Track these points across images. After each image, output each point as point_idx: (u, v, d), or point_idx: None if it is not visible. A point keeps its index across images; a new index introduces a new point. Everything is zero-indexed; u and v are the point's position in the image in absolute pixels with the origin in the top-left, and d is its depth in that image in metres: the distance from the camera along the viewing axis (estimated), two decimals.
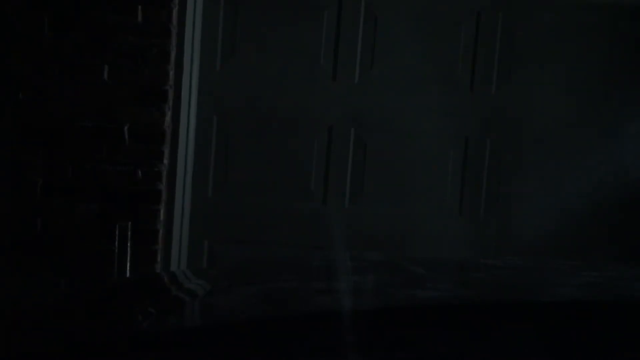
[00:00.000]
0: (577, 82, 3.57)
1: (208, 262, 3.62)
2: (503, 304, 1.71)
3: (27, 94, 3.31)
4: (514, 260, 2.54)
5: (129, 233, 3.34)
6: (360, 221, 3.59)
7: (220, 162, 3.60)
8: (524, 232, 3.59)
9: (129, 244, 3.34)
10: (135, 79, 3.32)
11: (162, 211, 3.42)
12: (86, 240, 3.34)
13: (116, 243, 3.34)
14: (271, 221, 3.60)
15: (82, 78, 3.31)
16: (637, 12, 3.54)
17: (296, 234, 3.58)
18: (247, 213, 3.60)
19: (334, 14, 3.56)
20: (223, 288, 2.04)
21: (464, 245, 3.58)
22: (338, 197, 3.61)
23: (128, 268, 3.34)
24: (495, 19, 3.57)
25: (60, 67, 3.30)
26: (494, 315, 1.60)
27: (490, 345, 1.50)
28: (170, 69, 3.37)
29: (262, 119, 3.58)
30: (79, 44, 3.30)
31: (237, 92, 3.57)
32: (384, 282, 1.99)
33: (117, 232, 3.33)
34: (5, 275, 3.29)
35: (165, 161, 3.40)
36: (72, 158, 3.33)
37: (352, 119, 3.60)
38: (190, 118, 3.52)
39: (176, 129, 3.44)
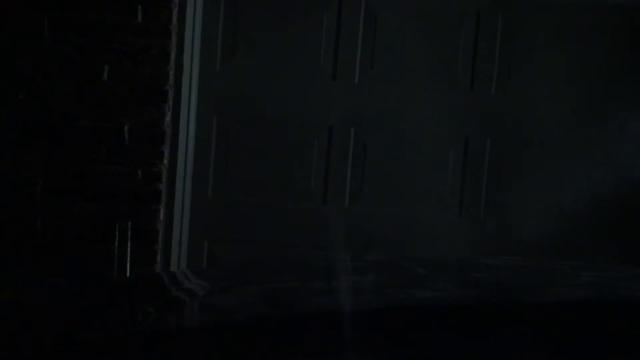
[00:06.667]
0: (577, 82, 3.56)
1: (208, 262, 3.62)
2: (503, 304, 1.71)
3: (27, 94, 3.31)
4: (514, 260, 2.54)
5: (129, 233, 3.34)
6: (360, 221, 3.59)
7: (220, 162, 3.60)
8: (524, 232, 3.58)
9: (129, 244, 3.34)
10: (135, 79, 3.32)
11: (162, 211, 3.42)
12: (86, 240, 3.34)
13: (116, 243, 3.34)
14: (271, 221, 3.60)
15: (82, 78, 3.31)
16: (637, 12, 3.54)
17: (296, 234, 3.58)
18: (247, 213, 3.60)
19: (334, 14, 3.56)
20: (223, 288, 2.04)
21: (464, 245, 3.57)
22: (338, 197, 3.61)
23: (128, 268, 3.34)
24: (495, 19, 3.57)
25: (60, 67, 3.30)
26: (494, 315, 1.60)
27: (491, 346, 1.50)
28: (170, 69, 3.37)
29: (262, 119, 3.58)
30: (79, 44, 3.30)
31: (237, 92, 3.57)
32: (384, 282, 1.99)
33: (117, 232, 3.33)
34: (6, 275, 3.29)
35: (165, 161, 3.41)
36: (72, 158, 3.34)
37: (352, 119, 3.60)
38: (190, 118, 3.52)
39: (176, 129, 3.44)
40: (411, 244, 3.57)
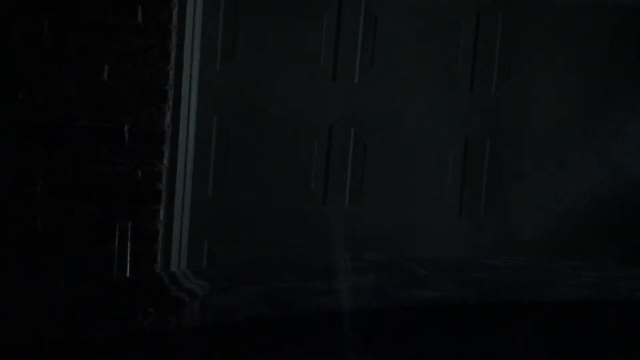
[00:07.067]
0: (577, 82, 3.56)
1: (208, 262, 3.62)
2: (503, 304, 1.71)
3: (27, 94, 3.31)
4: (514, 260, 2.54)
5: (129, 233, 3.34)
6: (360, 221, 3.59)
7: (220, 162, 3.60)
8: (524, 232, 3.58)
9: (129, 244, 3.34)
10: (135, 79, 3.32)
11: (162, 211, 3.42)
12: (86, 240, 3.34)
13: (116, 243, 3.34)
14: (271, 221, 3.60)
15: (82, 78, 3.31)
16: (637, 12, 3.54)
17: (296, 234, 3.58)
18: (247, 213, 3.60)
19: (334, 14, 3.56)
20: (223, 288, 2.04)
21: (464, 245, 3.57)
22: (338, 197, 3.61)
23: (128, 268, 3.34)
24: (495, 19, 3.57)
25: (60, 67, 3.30)
26: (494, 315, 1.60)
27: (491, 345, 1.50)
28: (170, 69, 3.37)
29: (262, 119, 3.58)
30: (79, 44, 3.30)
31: (237, 92, 3.57)
32: (384, 282, 1.99)
33: (117, 232, 3.33)
34: (5, 275, 3.29)
35: (165, 161, 3.40)
36: (72, 158, 3.34)
37: (352, 119, 3.60)
38: (190, 118, 3.52)
39: (176, 129, 3.44)
40: (411, 244, 3.57)
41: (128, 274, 3.33)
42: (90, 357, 1.51)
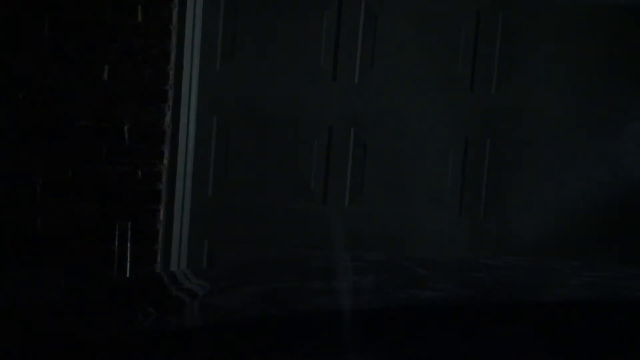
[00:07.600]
0: (577, 82, 3.56)
1: (208, 262, 3.62)
2: (503, 304, 1.71)
3: (27, 94, 3.31)
4: (514, 260, 2.54)
5: (129, 233, 3.34)
6: (360, 221, 3.59)
7: (220, 162, 3.60)
8: (524, 232, 3.58)
9: (129, 244, 3.34)
10: (135, 79, 3.32)
11: (162, 211, 3.42)
12: (86, 240, 3.34)
13: (116, 243, 3.34)
14: (271, 221, 3.60)
15: (82, 78, 3.31)
16: (637, 12, 3.54)
17: (296, 234, 3.58)
18: (247, 213, 3.60)
19: (334, 14, 3.56)
20: (223, 288, 2.04)
21: (464, 245, 3.57)
22: (338, 197, 3.61)
23: (128, 268, 3.34)
24: (495, 19, 3.57)
25: (60, 67, 3.31)
26: (494, 315, 1.60)
27: (491, 346, 1.50)
28: (170, 69, 3.37)
29: (262, 118, 3.58)
30: (79, 44, 3.30)
31: (237, 92, 3.57)
32: (384, 282, 1.99)
33: (117, 232, 3.33)
34: (6, 275, 3.29)
35: (165, 161, 3.41)
36: (72, 158, 3.34)
37: (352, 119, 3.60)
38: (190, 118, 3.52)
39: (176, 129, 3.44)
40: (411, 244, 3.57)
41: (128, 274, 3.33)
42: (90, 357, 1.51)
